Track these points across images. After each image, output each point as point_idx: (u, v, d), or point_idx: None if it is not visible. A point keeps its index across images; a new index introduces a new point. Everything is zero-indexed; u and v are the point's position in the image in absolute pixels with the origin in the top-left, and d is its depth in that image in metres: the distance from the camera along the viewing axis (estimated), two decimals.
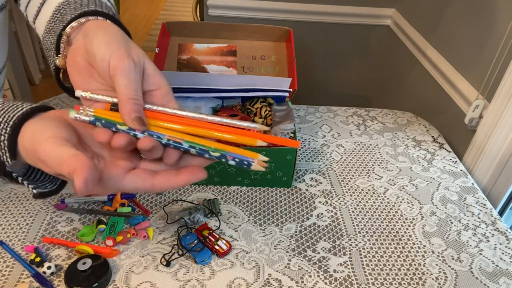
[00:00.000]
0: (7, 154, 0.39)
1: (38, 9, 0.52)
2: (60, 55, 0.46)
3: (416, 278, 0.76)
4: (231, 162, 0.39)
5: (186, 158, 0.41)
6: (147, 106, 0.41)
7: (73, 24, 0.44)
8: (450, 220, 0.89)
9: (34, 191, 0.42)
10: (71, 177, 0.34)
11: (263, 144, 0.39)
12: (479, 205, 0.94)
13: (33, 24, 0.54)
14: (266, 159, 0.40)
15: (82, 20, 0.44)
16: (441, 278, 0.76)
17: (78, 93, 0.42)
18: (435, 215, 0.90)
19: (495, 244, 0.84)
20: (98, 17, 0.45)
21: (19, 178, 0.41)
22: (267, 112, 0.97)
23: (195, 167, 0.40)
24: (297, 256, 0.78)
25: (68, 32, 0.44)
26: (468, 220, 0.89)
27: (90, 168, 0.34)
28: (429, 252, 0.81)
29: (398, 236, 0.84)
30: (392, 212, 0.90)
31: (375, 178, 1.00)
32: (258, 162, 0.39)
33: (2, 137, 0.39)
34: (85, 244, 0.75)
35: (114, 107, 0.41)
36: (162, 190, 0.39)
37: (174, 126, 0.40)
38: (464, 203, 0.94)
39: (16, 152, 0.39)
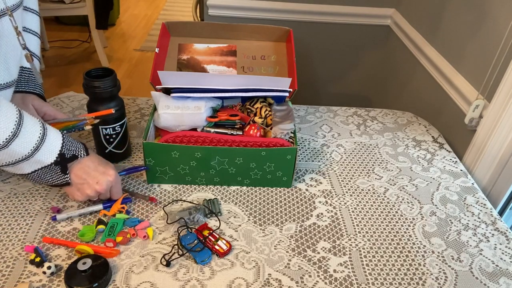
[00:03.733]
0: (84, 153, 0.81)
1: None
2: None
3: (416, 278, 0.76)
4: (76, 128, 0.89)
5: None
6: (50, 120, 0.89)
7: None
8: (450, 220, 0.89)
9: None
10: None
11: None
12: (479, 205, 0.94)
13: None
14: (95, 121, 0.88)
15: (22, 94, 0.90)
16: (441, 278, 0.76)
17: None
18: (435, 215, 0.90)
19: (495, 244, 0.84)
20: (26, 94, 0.90)
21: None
22: (267, 112, 0.97)
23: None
24: (297, 256, 0.78)
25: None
26: (468, 220, 0.89)
27: None
28: (429, 252, 0.81)
29: (398, 236, 0.84)
30: (392, 212, 0.90)
31: (375, 178, 1.00)
32: (86, 124, 0.88)
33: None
34: (85, 244, 0.75)
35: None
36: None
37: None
38: (464, 203, 0.94)
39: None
